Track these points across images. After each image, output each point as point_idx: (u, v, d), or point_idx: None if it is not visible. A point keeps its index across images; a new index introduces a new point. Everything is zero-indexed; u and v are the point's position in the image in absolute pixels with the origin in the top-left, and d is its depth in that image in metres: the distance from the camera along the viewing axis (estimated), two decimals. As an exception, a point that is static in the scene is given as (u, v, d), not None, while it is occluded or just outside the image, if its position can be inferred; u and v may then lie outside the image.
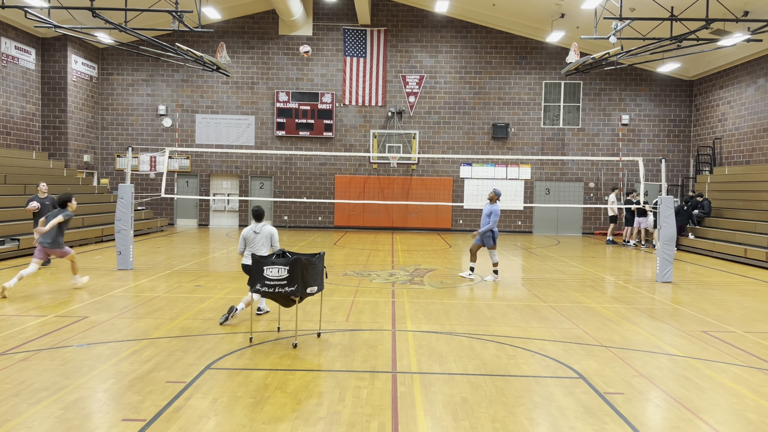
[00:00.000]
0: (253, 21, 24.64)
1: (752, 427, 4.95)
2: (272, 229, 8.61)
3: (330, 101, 24.51)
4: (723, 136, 22.45)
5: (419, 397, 5.44)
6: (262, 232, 8.52)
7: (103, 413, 4.97)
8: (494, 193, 12.03)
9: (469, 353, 6.88)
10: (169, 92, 24.74)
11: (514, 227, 24.88)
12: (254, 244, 8.46)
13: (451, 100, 24.68)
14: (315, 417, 4.94)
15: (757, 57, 20.14)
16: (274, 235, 8.56)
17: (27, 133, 21.33)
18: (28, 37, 21.10)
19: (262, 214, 8.69)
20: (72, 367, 6.10)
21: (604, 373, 6.24)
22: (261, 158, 24.89)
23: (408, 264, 14.55)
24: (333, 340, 7.38)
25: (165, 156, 14.91)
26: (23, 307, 8.88)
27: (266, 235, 8.51)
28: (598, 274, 13.74)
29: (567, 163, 24.64)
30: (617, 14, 16.08)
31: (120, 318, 8.30)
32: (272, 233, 8.56)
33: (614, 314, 9.22)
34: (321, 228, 24.78)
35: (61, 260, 13.67)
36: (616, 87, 24.58)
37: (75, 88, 22.77)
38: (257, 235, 8.47)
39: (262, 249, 8.50)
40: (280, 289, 6.80)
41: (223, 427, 4.71)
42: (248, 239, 8.47)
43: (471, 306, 9.67)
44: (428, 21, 24.54)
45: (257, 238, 8.46)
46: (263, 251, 8.44)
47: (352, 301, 9.84)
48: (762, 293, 11.58)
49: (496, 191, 12.03)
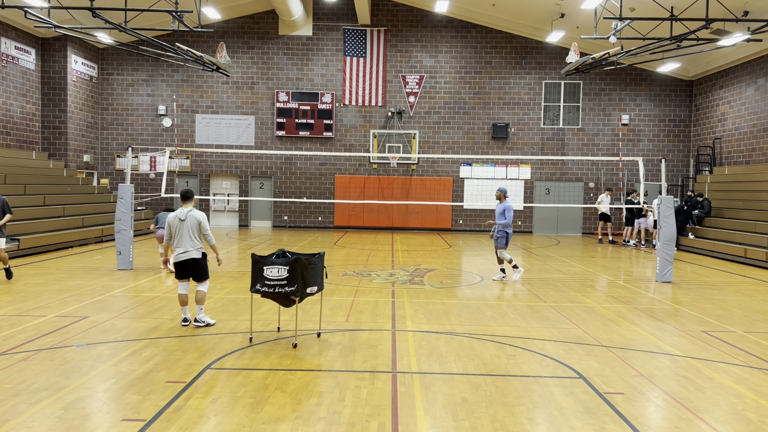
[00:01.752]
0: (253, 21, 24.64)
1: (752, 427, 4.95)
2: (199, 215, 7.66)
3: (330, 101, 24.51)
4: (723, 136, 22.45)
5: (419, 397, 5.44)
6: (188, 219, 7.57)
7: (103, 413, 4.97)
8: (500, 191, 11.99)
9: (469, 353, 6.88)
10: (169, 92, 24.75)
11: (514, 227, 24.87)
12: (181, 234, 7.55)
13: (451, 100, 24.68)
14: (315, 417, 4.94)
15: (757, 57, 20.14)
16: (202, 222, 7.64)
17: (27, 133, 21.33)
18: (28, 37, 21.10)
19: (190, 197, 7.78)
20: (72, 367, 6.10)
21: (604, 373, 6.24)
22: (261, 158, 24.89)
23: (408, 264, 14.55)
24: (333, 340, 7.38)
25: (165, 156, 14.91)
26: (23, 307, 8.88)
27: (193, 222, 7.58)
28: (598, 274, 13.73)
29: (567, 163, 24.64)
30: (617, 14, 16.07)
31: (120, 318, 8.29)
32: (200, 219, 7.63)
33: (614, 314, 9.21)
34: (321, 228, 24.78)
35: (61, 260, 13.71)
36: (616, 87, 24.58)
37: (75, 88, 22.77)
38: (182, 224, 7.57)
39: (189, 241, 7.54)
40: (280, 289, 6.80)
41: (223, 427, 4.71)
42: (173, 228, 7.61)
43: (471, 306, 9.67)
44: (428, 21, 24.54)
45: (183, 228, 7.56)
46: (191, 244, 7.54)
47: (352, 301, 9.84)
48: (762, 293, 11.58)
49: (501, 189, 12.00)
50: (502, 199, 11.94)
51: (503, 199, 11.94)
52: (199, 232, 7.68)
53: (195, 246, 7.69)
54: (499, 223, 11.85)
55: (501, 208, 11.85)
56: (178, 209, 7.79)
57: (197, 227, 7.63)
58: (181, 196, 7.84)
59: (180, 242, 7.63)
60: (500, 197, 11.97)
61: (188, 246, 7.64)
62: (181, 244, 7.63)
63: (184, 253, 7.67)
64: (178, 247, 7.68)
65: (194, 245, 7.67)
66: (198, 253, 7.74)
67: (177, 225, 7.61)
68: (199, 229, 7.65)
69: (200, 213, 7.72)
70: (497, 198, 12.04)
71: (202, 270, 7.81)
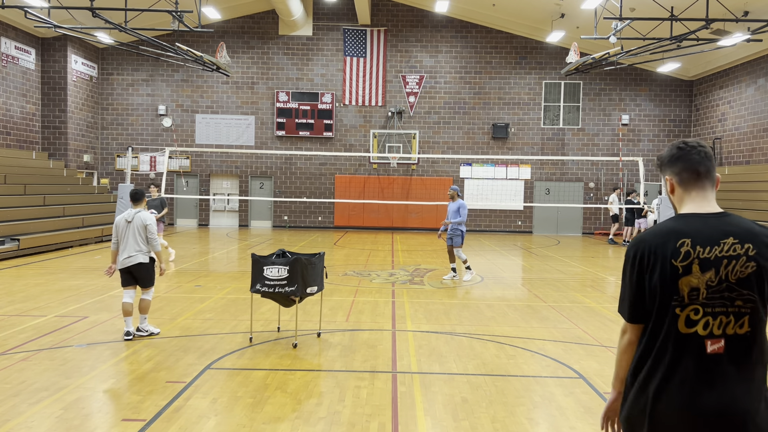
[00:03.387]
0: (253, 21, 24.64)
1: (752, 427, 4.94)
2: (146, 217, 7.21)
3: (330, 101, 24.51)
4: (723, 136, 22.45)
5: (419, 397, 5.44)
6: (134, 220, 7.15)
7: (103, 413, 4.97)
8: (453, 191, 11.98)
9: (469, 353, 6.88)
10: (169, 92, 24.75)
11: (514, 227, 24.88)
12: (126, 237, 7.11)
13: (451, 100, 24.68)
14: (315, 417, 4.94)
15: (757, 57, 20.14)
16: (148, 226, 7.17)
17: (27, 133, 21.33)
18: (28, 37, 21.10)
19: (139, 198, 7.37)
20: (72, 367, 6.10)
21: (604, 373, 6.24)
22: (261, 158, 24.89)
23: (408, 264, 14.55)
24: (333, 340, 7.38)
25: (165, 156, 14.91)
26: (23, 307, 8.88)
27: (139, 224, 7.14)
28: (598, 274, 13.73)
29: (567, 163, 24.63)
30: (617, 14, 16.07)
31: (120, 318, 8.28)
32: (146, 223, 7.16)
33: (614, 314, 9.21)
34: (321, 228, 24.78)
35: (61, 260, 13.70)
36: (616, 87, 24.58)
37: (75, 88, 22.77)
38: (129, 226, 7.14)
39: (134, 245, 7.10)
40: (280, 289, 6.79)
41: (223, 427, 4.71)
42: (119, 231, 7.17)
43: (471, 306, 9.67)
44: (428, 21, 24.54)
45: (129, 230, 7.12)
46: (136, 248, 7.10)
47: (352, 301, 9.84)
48: (762, 293, 11.56)
49: (454, 188, 12.02)
50: (456, 197, 11.95)
51: (456, 197, 11.95)
52: (146, 235, 7.23)
53: (141, 250, 7.20)
54: (454, 222, 11.86)
55: (455, 206, 11.84)
56: (126, 210, 7.41)
57: (144, 230, 7.19)
58: (130, 197, 7.44)
59: (125, 246, 7.15)
60: (453, 196, 11.98)
61: (133, 250, 7.15)
62: (126, 248, 7.15)
63: (129, 258, 7.17)
64: (123, 251, 7.17)
65: (140, 249, 7.19)
66: (145, 257, 7.24)
67: (123, 227, 7.18)
68: (146, 232, 7.20)
69: (149, 215, 7.33)
70: (450, 197, 12.02)
71: (149, 276, 7.33)
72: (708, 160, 2.41)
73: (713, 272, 2.26)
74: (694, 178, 2.41)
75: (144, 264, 7.26)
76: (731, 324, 2.26)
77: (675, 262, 2.28)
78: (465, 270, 12.15)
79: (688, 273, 2.27)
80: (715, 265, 2.26)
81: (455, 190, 12.00)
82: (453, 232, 11.94)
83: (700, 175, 2.40)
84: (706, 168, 2.40)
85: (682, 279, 2.28)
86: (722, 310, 2.26)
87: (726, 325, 2.26)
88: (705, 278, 2.26)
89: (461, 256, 12.05)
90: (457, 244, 11.95)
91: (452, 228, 11.92)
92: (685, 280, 2.27)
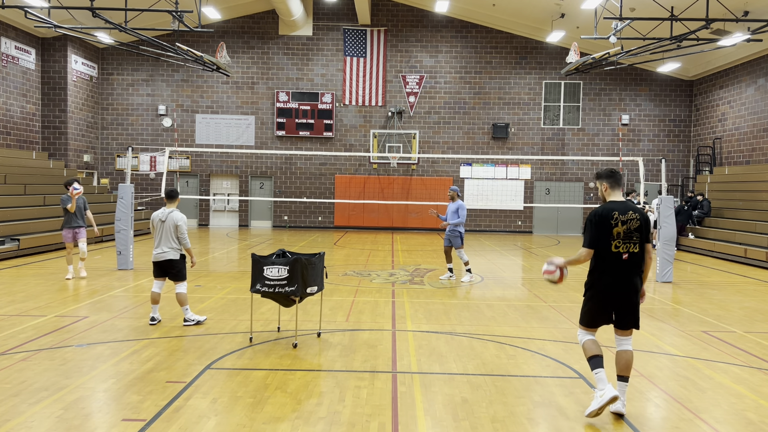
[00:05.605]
0: (253, 21, 24.64)
1: (752, 427, 4.95)
2: (179, 217, 7.51)
3: (330, 101, 24.51)
4: (723, 136, 22.45)
5: (419, 397, 5.44)
6: (168, 220, 7.45)
7: (103, 413, 4.97)
8: (453, 191, 11.95)
9: (469, 353, 6.88)
10: (169, 92, 24.75)
11: (514, 227, 24.88)
12: (159, 235, 7.52)
13: (451, 100, 24.68)
14: (315, 417, 4.94)
15: (757, 57, 20.14)
16: (180, 226, 7.52)
17: (27, 133, 21.33)
18: (28, 37, 21.10)
19: (175, 196, 7.66)
20: (72, 367, 6.10)
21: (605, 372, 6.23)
22: (261, 158, 24.89)
23: (408, 264, 14.55)
24: (333, 340, 7.38)
25: (165, 156, 14.91)
26: (23, 307, 8.88)
27: (171, 224, 7.47)
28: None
29: (567, 163, 24.64)
30: (617, 14, 16.07)
31: (120, 318, 8.29)
32: (177, 223, 7.49)
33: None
34: (321, 228, 24.78)
35: (61, 260, 13.71)
36: (616, 87, 24.58)
37: (75, 88, 22.77)
38: (162, 225, 7.48)
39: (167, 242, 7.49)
40: (280, 289, 6.79)
41: (223, 427, 4.71)
42: (155, 227, 7.60)
43: (471, 306, 9.67)
44: (428, 21, 24.54)
45: (163, 229, 7.48)
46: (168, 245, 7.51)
47: (352, 301, 9.84)
48: (762, 293, 11.58)
49: (454, 188, 11.99)
50: (455, 198, 11.93)
51: (456, 198, 11.93)
52: (177, 234, 7.61)
53: (173, 247, 7.65)
54: (452, 223, 11.85)
55: (454, 207, 11.81)
56: (161, 208, 7.75)
57: (175, 230, 7.56)
58: (165, 195, 7.73)
59: (159, 242, 7.63)
60: (453, 197, 11.95)
61: (165, 247, 7.63)
62: (159, 243, 7.63)
63: (162, 254, 7.66)
64: (157, 246, 7.68)
65: (172, 246, 7.64)
66: (175, 254, 7.69)
67: (158, 225, 7.59)
68: (177, 231, 7.57)
69: (180, 215, 7.64)
70: (450, 198, 12.00)
71: (179, 271, 7.77)
72: (620, 178, 5.18)
73: (626, 226, 4.94)
74: (616, 186, 5.16)
75: (174, 261, 7.70)
76: (631, 247, 4.95)
77: (611, 221, 4.94)
78: (465, 272, 12.17)
79: (616, 226, 4.93)
80: (625, 223, 4.94)
81: (455, 190, 11.98)
82: (451, 233, 11.92)
83: (618, 184, 5.15)
84: (620, 181, 5.16)
85: (614, 229, 4.93)
86: (628, 241, 4.94)
87: (629, 247, 4.94)
88: (622, 229, 4.93)
89: (463, 257, 12.04)
90: (457, 245, 11.93)
91: (450, 229, 11.91)
92: (615, 230, 4.93)
